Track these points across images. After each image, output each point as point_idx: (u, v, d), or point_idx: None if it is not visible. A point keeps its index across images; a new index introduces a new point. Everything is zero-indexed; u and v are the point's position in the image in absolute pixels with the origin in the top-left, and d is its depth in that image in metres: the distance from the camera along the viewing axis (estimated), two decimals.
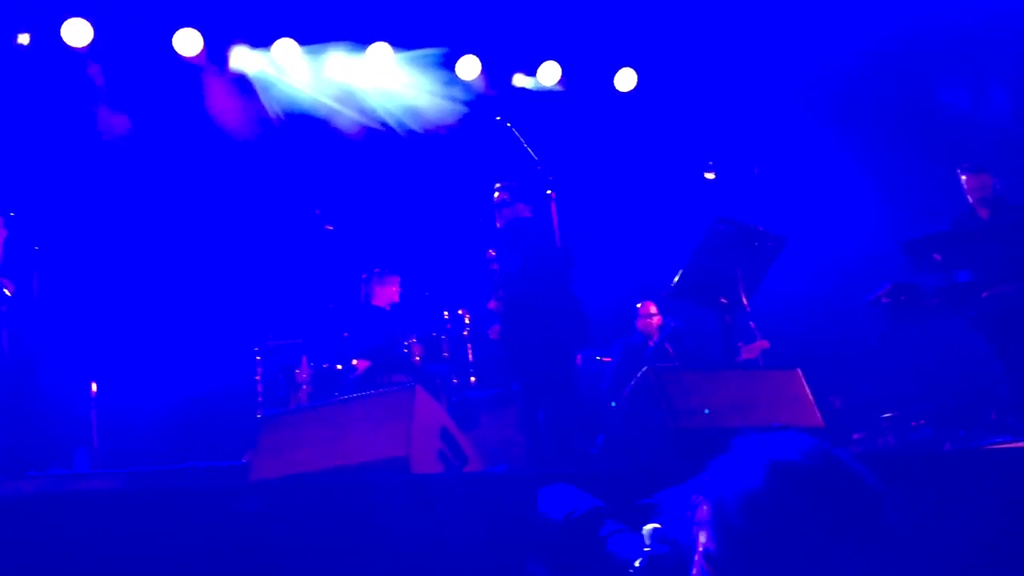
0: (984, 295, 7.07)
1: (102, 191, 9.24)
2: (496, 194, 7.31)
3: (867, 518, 1.52)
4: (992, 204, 7.56)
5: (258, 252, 9.60)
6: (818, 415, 5.49)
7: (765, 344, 9.21)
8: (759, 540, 1.48)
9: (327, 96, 10.11)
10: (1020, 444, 5.96)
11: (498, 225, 7.32)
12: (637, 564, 1.76)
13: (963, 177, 7.65)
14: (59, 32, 9.05)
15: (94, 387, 8.12)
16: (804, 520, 1.48)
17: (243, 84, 9.90)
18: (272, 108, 9.90)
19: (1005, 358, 7.24)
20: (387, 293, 9.03)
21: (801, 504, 1.49)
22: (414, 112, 10.24)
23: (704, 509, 1.57)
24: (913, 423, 9.17)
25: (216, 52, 9.74)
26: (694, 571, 1.59)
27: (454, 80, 10.39)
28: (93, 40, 9.18)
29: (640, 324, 10.01)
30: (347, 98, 10.21)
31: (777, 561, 1.47)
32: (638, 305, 10.07)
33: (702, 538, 1.57)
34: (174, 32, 9.43)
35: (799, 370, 5.69)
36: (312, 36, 9.97)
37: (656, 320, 9.95)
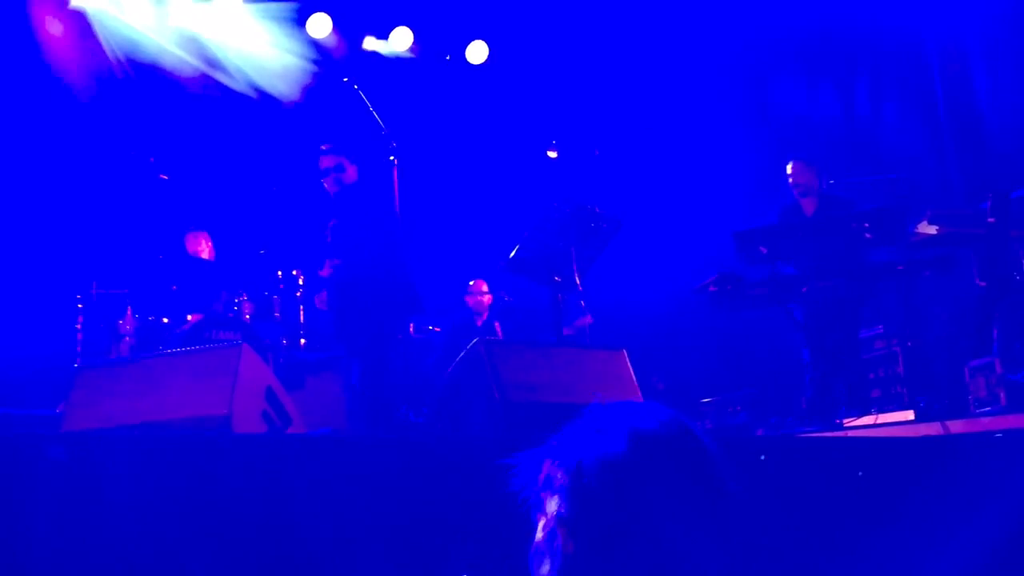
0: (804, 289, 7.36)
1: None
2: (323, 158, 7.17)
3: (715, 486, 1.59)
4: (816, 198, 7.86)
5: (87, 197, 9.24)
6: (640, 396, 5.64)
7: (588, 320, 9.40)
8: (617, 504, 1.53)
9: (170, 41, 9.80)
10: (823, 434, 6.26)
11: (327, 188, 7.18)
12: None
13: (788, 170, 7.93)
14: None
15: None
16: (661, 485, 1.54)
17: (81, 21, 9.48)
18: (110, 49, 9.53)
19: (818, 352, 7.58)
20: (197, 248, 8.91)
21: (659, 470, 1.55)
22: (260, 66, 10.02)
23: (558, 475, 1.60)
24: (730, 409, 9.52)
25: None
26: (540, 535, 1.62)
27: (304, 38, 10.20)
28: None
29: (471, 301, 10.09)
30: (191, 45, 9.92)
31: (631, 524, 1.52)
32: (470, 283, 10.14)
33: (552, 504, 1.60)
34: None
35: (624, 351, 5.84)
36: None
37: (487, 299, 10.06)
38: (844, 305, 7.40)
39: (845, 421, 6.68)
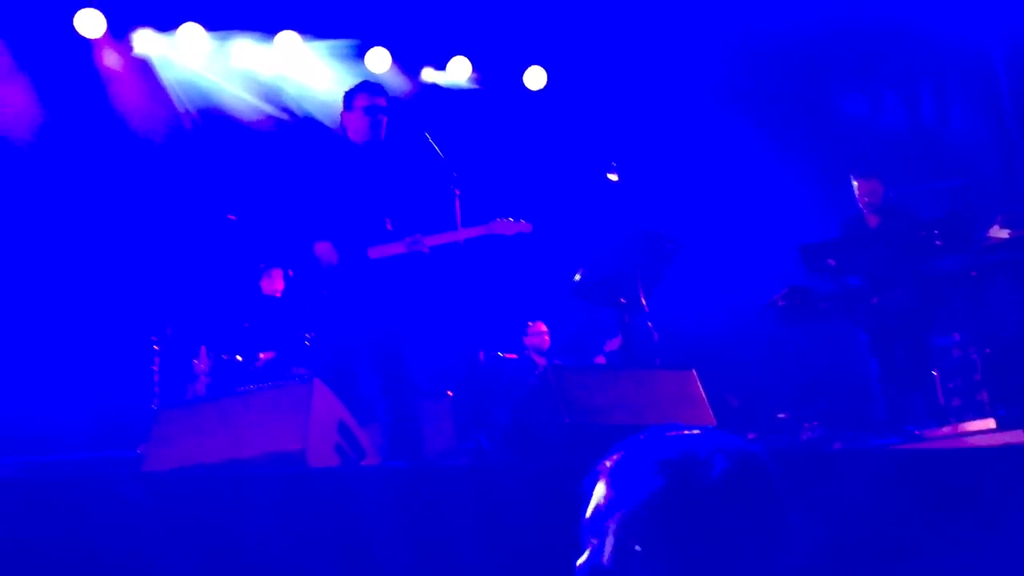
0: (873, 300, 7.28)
1: None
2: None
3: (770, 520, 1.48)
4: (881, 211, 7.78)
5: (159, 240, 9.43)
6: (711, 415, 5.61)
7: (617, 342, 9.36)
8: (657, 544, 1.43)
9: (233, 83, 9.99)
10: (902, 446, 6.18)
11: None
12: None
13: (855, 183, 7.86)
14: None
15: None
16: (704, 523, 1.42)
17: (145, 69, 9.71)
18: (175, 93, 9.74)
19: (889, 363, 7.48)
20: (275, 286, 9.06)
21: (706, 503, 1.43)
22: (322, 103, 10.16)
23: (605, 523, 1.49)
24: (806, 423, 9.41)
25: (119, 33, 9.54)
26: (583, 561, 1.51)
27: (364, 73, 10.32)
28: None
29: (529, 342, 10.10)
30: (254, 86, 10.10)
31: (675, 563, 1.42)
32: (528, 323, 10.13)
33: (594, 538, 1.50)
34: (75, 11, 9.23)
35: (693, 371, 5.81)
36: (219, 23, 9.83)
37: (545, 340, 10.06)
38: (915, 314, 7.32)
39: (923, 432, 6.59)
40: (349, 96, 6.50)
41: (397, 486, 3.97)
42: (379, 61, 10.38)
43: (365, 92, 6.47)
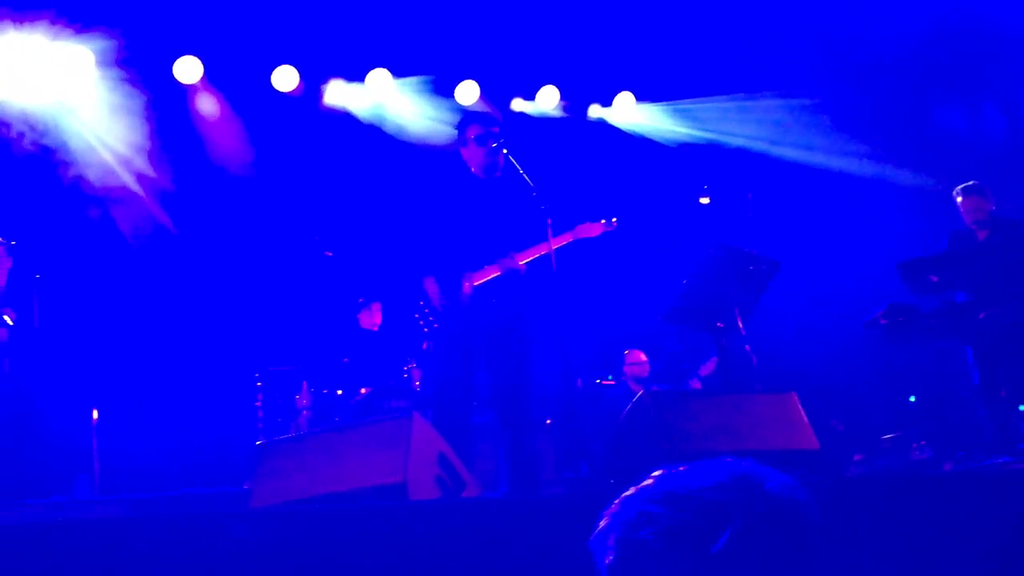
0: (981, 316, 7.10)
1: (102, 219, 9.28)
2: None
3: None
4: (988, 225, 7.60)
5: (258, 278, 9.63)
6: (813, 438, 5.52)
7: (712, 366, 9.24)
8: None
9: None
10: (1016, 465, 6.00)
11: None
12: None
13: (959, 199, 7.68)
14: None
15: (95, 414, 8.17)
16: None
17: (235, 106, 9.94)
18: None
19: (996, 379, 7.27)
20: (374, 320, 9.19)
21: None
22: (414, 138, 10.27)
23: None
24: (914, 444, 9.20)
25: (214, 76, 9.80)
26: None
27: (454, 106, 10.42)
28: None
29: (628, 371, 10.01)
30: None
31: None
32: (625, 352, 10.04)
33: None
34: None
35: (794, 393, 5.73)
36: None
37: (645, 368, 9.95)
38: (1023, 329, 7.10)
39: None
40: (461, 129, 6.47)
41: (497, 517, 3.98)
42: (468, 93, 10.48)
43: (476, 123, 6.43)
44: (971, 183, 7.71)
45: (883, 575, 3.89)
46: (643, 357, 9.98)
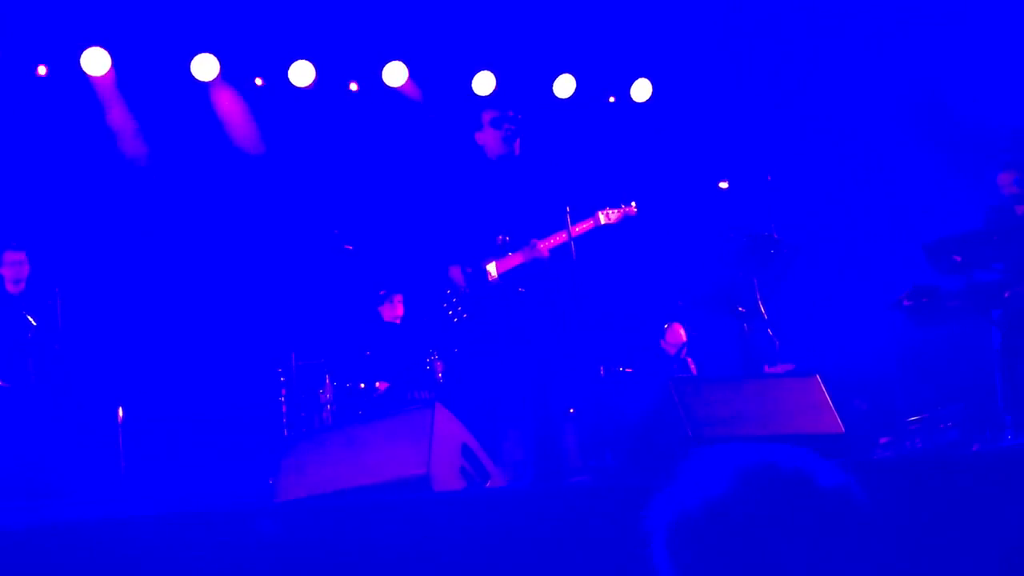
0: (1006, 295, 7.03)
1: (122, 218, 9.33)
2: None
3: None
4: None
5: (279, 273, 9.65)
6: (838, 421, 5.49)
7: (789, 367, 9.19)
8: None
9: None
10: None
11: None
12: None
13: (1000, 179, 7.57)
14: (78, 62, 9.12)
15: (120, 413, 8.21)
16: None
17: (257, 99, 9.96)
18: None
19: (1021, 357, 7.19)
20: (396, 313, 9.19)
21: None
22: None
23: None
24: (940, 425, 9.12)
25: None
26: None
27: (470, 96, 10.40)
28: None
29: (667, 345, 9.97)
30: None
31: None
32: (665, 326, 10.01)
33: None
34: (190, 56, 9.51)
35: (818, 376, 5.69)
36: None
37: (682, 343, 9.92)
38: None
39: None
40: (477, 115, 6.50)
41: (522, 507, 3.97)
42: (485, 84, 10.45)
43: (491, 107, 6.48)
44: (1007, 158, 7.61)
45: (912, 557, 3.86)
46: (682, 331, 9.93)
